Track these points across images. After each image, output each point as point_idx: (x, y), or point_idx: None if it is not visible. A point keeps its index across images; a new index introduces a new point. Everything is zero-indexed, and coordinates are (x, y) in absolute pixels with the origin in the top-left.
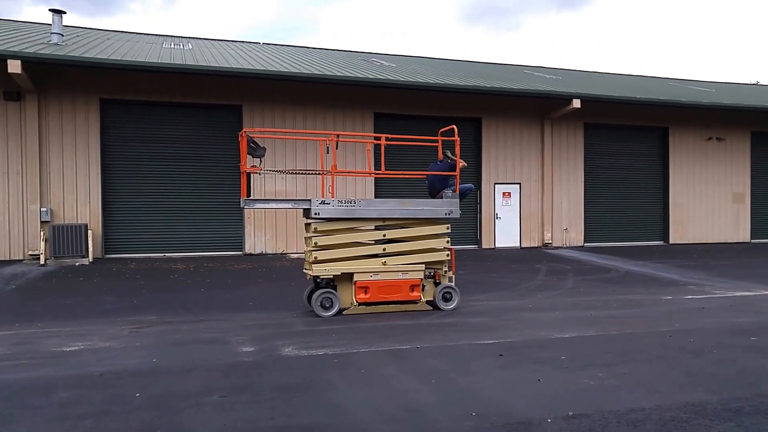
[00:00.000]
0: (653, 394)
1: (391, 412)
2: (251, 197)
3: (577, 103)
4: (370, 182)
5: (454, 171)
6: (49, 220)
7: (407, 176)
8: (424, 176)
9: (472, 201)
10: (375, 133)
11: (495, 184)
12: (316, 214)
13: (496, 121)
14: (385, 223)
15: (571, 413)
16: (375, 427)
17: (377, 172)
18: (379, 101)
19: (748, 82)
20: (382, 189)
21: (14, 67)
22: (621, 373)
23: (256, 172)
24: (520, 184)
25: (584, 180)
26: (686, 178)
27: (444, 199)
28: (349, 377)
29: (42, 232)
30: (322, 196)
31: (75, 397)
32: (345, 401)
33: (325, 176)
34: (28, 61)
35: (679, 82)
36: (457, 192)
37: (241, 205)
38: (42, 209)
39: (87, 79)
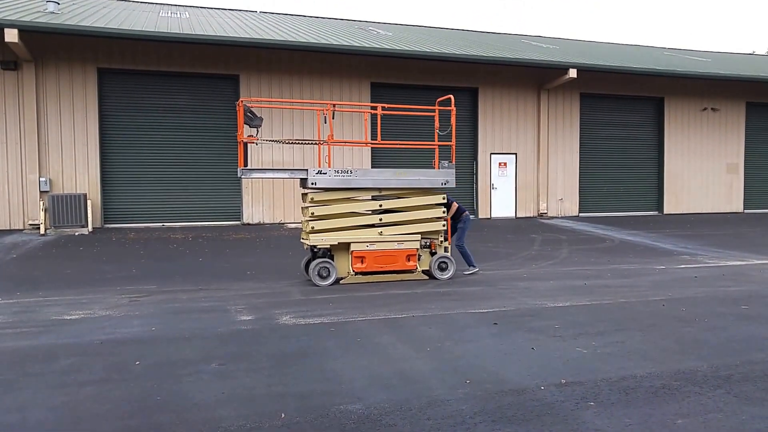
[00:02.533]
0: (645, 362)
1: (387, 380)
2: (248, 167)
3: (573, 73)
4: (366, 153)
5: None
6: (48, 189)
7: (404, 146)
8: (421, 146)
9: (468, 171)
10: (372, 102)
11: (491, 154)
12: (312, 183)
13: (492, 91)
14: (382, 193)
15: (563, 381)
16: (370, 395)
17: (374, 142)
18: (375, 71)
19: (744, 53)
20: (379, 160)
21: (11, 36)
22: (614, 342)
23: (253, 142)
24: (516, 154)
25: (580, 150)
26: (681, 149)
27: (440, 170)
28: (346, 345)
29: (41, 202)
30: (319, 166)
31: (76, 365)
32: (341, 369)
33: (321, 146)
34: (24, 30)
35: (675, 52)
36: (453, 161)
37: (238, 175)
38: (41, 179)
39: (84, 48)
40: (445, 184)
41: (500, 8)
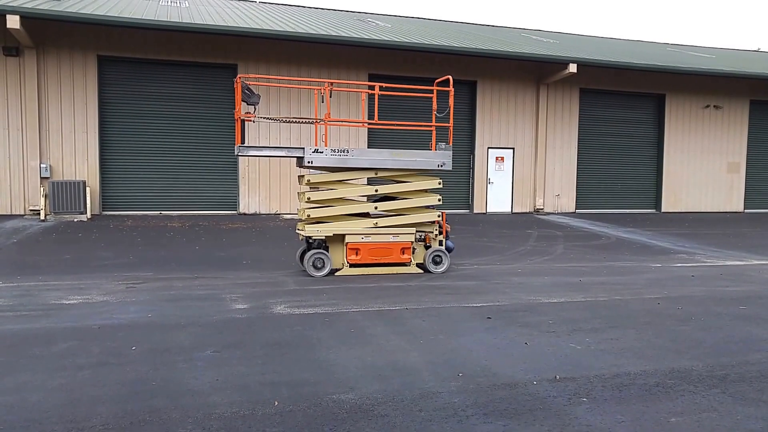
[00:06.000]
0: (639, 360)
1: (380, 371)
2: (245, 144)
3: (573, 68)
4: (363, 137)
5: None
6: (48, 176)
7: (401, 128)
8: (418, 128)
9: (465, 166)
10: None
11: (488, 148)
12: (309, 162)
13: (491, 85)
14: (378, 176)
15: (557, 376)
16: (363, 385)
17: (371, 121)
18: (373, 62)
19: (749, 49)
20: (375, 144)
21: (13, 22)
22: (608, 339)
23: (251, 120)
24: (513, 149)
25: (578, 146)
26: (681, 147)
27: (437, 151)
28: (339, 336)
29: (42, 188)
30: (316, 145)
31: (74, 349)
32: (334, 359)
33: (318, 125)
34: (26, 17)
35: (677, 47)
36: (450, 143)
37: (236, 153)
38: (42, 165)
39: (85, 36)
40: (441, 166)
41: (500, 1)
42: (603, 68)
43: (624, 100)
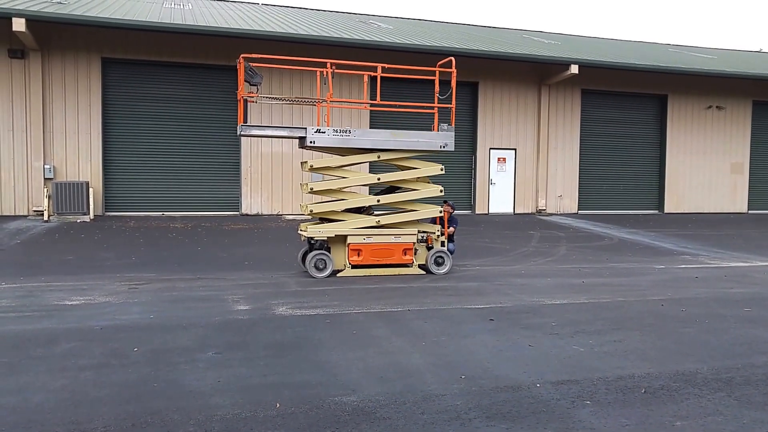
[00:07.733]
0: (643, 362)
1: (382, 373)
2: (248, 123)
3: (575, 69)
4: (365, 122)
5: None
6: (52, 177)
7: (403, 110)
8: (420, 109)
9: (467, 166)
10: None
11: (490, 149)
12: (311, 142)
13: (493, 86)
14: (380, 158)
15: (560, 379)
16: (365, 387)
17: (373, 101)
18: (376, 64)
19: (751, 50)
20: (377, 128)
21: (19, 25)
22: (611, 341)
23: (253, 100)
24: (515, 149)
25: (580, 147)
26: (684, 147)
27: (439, 132)
28: (341, 337)
29: (45, 189)
30: (318, 125)
31: (76, 350)
32: (336, 361)
33: (320, 107)
34: (32, 19)
35: (679, 48)
36: (453, 125)
37: (238, 132)
38: (45, 166)
39: (89, 38)
40: (444, 147)
41: (501, 2)
42: (605, 69)
43: (626, 100)
